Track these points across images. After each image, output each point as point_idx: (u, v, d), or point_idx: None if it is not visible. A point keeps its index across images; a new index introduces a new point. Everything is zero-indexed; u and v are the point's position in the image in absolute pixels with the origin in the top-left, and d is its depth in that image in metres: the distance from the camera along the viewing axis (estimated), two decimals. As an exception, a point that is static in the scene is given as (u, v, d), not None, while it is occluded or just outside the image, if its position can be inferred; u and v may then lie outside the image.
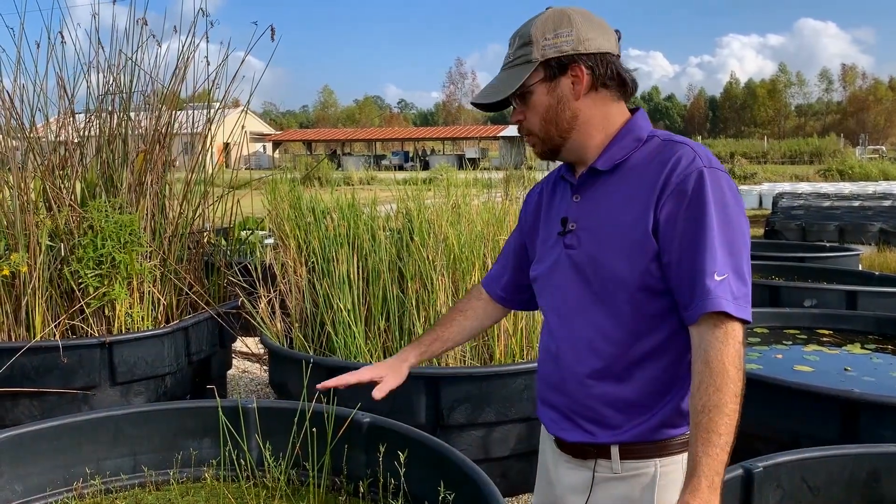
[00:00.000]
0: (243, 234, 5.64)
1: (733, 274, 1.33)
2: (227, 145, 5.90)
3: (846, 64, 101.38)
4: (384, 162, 45.20)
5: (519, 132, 1.56)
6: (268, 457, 2.61)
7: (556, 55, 1.44)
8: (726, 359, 1.29)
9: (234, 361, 5.17)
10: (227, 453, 2.70)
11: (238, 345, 5.10)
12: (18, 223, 3.82)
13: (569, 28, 1.44)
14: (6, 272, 3.66)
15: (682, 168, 1.37)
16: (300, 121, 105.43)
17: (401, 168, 38.13)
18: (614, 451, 1.48)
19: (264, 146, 53.28)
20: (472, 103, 1.57)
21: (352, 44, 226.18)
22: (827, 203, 15.53)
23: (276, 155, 51.09)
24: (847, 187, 24.28)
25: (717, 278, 1.31)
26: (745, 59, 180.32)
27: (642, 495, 1.47)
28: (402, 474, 2.37)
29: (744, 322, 1.33)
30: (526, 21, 1.50)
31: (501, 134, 47.41)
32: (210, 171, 4.82)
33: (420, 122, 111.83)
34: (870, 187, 23.87)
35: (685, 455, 1.45)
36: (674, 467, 1.47)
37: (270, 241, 5.74)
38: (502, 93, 1.49)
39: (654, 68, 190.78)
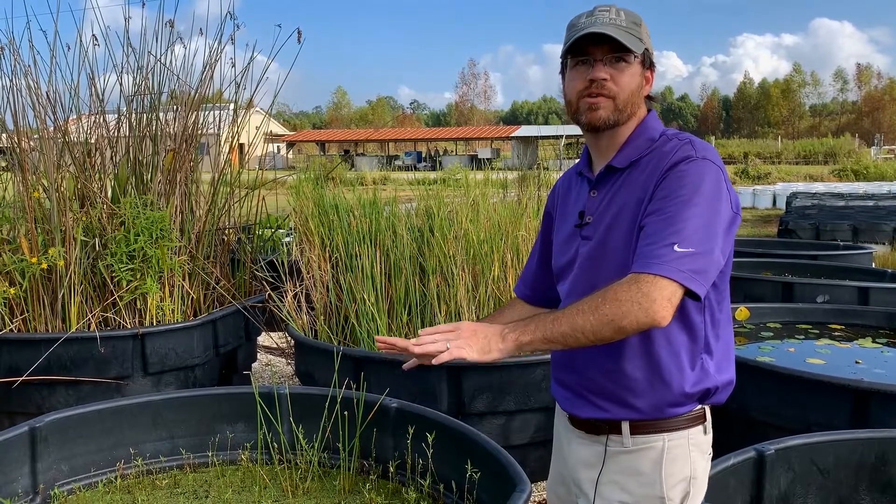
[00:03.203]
0: (267, 231, 5.78)
1: (693, 249, 1.41)
2: (242, 146, 6.06)
3: (861, 63, 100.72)
4: (397, 162, 45.29)
5: (594, 87, 1.57)
6: (301, 439, 2.73)
7: (649, 52, 1.62)
8: (621, 294, 1.40)
9: (258, 355, 5.31)
10: (261, 437, 2.82)
11: (261, 339, 5.24)
12: (55, 219, 3.97)
13: (648, 38, 1.63)
14: (44, 266, 3.81)
15: (675, 157, 1.52)
16: (313, 121, 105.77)
17: (414, 168, 38.22)
18: (625, 426, 1.59)
19: (278, 147, 53.55)
20: (592, 32, 1.54)
21: (364, 45, 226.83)
22: (841, 203, 15.50)
23: (290, 155, 51.33)
24: (862, 187, 24.17)
25: (677, 249, 1.40)
26: (759, 59, 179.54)
27: (650, 468, 1.58)
28: (429, 456, 2.49)
29: (687, 290, 1.40)
30: (623, 7, 1.61)
31: (514, 134, 47.47)
32: (236, 171, 4.96)
33: (432, 122, 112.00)
34: (885, 187, 23.76)
35: (691, 430, 1.59)
36: (681, 441, 1.58)
37: (289, 239, 5.88)
38: (631, 43, 1.54)
39: (667, 68, 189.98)
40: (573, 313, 1.42)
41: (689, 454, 1.58)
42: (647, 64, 1.62)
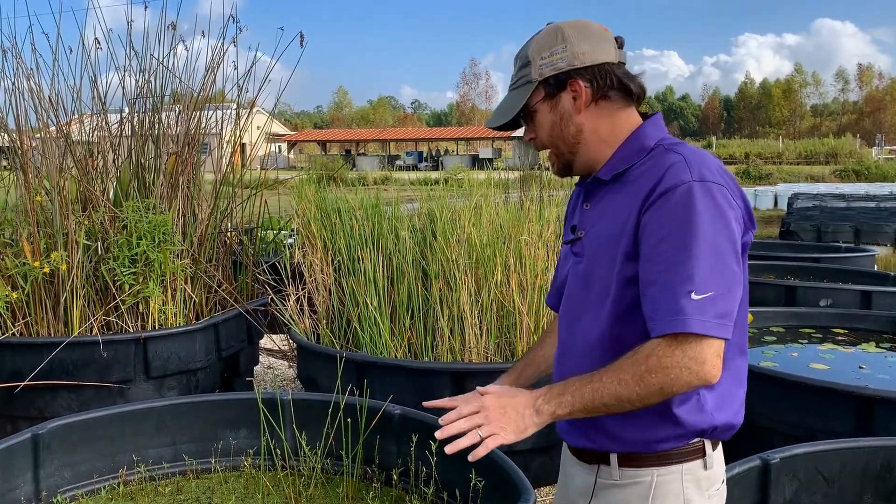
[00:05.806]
0: (269, 234, 5.77)
1: (713, 293, 1.30)
2: (244, 146, 6.07)
3: (863, 63, 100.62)
4: (398, 162, 45.32)
5: (536, 149, 1.60)
6: (304, 445, 2.73)
7: (553, 73, 1.46)
8: (665, 360, 1.29)
9: (260, 357, 5.30)
10: (264, 443, 2.82)
11: (263, 341, 5.23)
12: (58, 222, 3.96)
13: (563, 44, 1.45)
14: (46, 270, 3.80)
15: (668, 178, 1.36)
16: (314, 121, 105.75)
17: (415, 168, 38.28)
18: (613, 458, 1.50)
19: (279, 146, 53.58)
20: (487, 126, 1.61)
21: (366, 44, 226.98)
22: (843, 204, 15.47)
23: (292, 155, 51.39)
24: (863, 188, 24.16)
25: (695, 297, 1.28)
26: (761, 59, 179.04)
27: (639, 503, 1.48)
28: (433, 463, 2.48)
29: (713, 338, 1.29)
30: (526, 41, 1.53)
31: (515, 134, 47.41)
32: (239, 173, 4.96)
33: (434, 122, 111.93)
34: (886, 188, 23.74)
35: (686, 465, 1.46)
36: (672, 477, 1.46)
37: (291, 240, 5.87)
38: (508, 115, 1.53)
39: (668, 68, 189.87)
40: (614, 384, 1.32)
41: (682, 491, 1.45)
42: (555, 89, 1.47)
